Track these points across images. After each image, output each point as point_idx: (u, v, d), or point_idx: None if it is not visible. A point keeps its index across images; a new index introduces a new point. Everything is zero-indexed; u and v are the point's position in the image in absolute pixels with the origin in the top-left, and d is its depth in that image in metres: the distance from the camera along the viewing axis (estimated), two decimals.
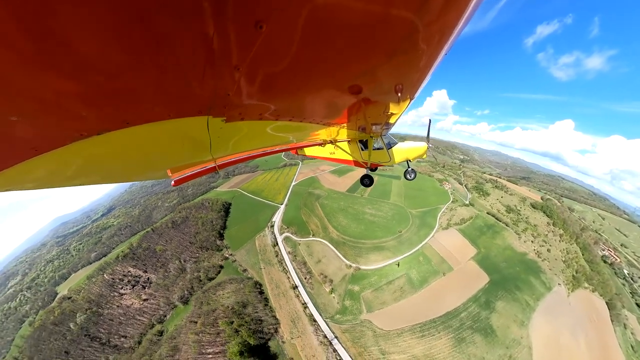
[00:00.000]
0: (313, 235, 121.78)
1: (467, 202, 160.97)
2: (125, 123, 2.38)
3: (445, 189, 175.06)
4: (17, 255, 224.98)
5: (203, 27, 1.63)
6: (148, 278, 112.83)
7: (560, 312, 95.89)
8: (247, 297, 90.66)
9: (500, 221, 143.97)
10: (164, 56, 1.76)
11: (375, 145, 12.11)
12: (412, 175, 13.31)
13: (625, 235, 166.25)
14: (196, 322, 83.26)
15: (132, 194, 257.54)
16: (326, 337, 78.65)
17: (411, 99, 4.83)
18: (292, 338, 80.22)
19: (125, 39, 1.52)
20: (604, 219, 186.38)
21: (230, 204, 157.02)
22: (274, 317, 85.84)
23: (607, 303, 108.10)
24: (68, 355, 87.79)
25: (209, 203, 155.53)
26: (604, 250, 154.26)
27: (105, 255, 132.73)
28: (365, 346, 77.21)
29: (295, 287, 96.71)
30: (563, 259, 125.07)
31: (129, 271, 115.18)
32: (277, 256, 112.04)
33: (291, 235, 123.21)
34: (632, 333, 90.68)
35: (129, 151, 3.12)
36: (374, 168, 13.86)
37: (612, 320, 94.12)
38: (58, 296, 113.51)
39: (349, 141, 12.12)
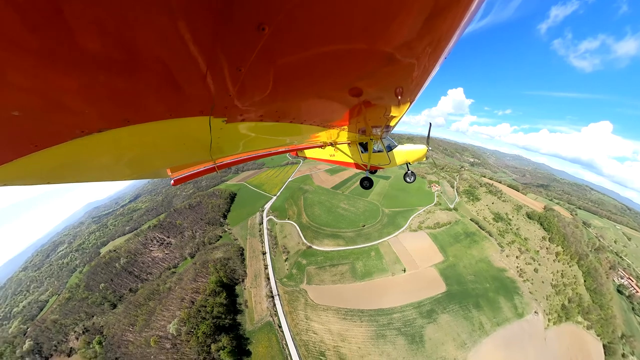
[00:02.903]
0: (288, 219, 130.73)
1: (451, 207, 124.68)
2: (125, 121, 2.08)
3: (432, 191, 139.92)
4: (58, 232, 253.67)
5: (206, 27, 1.40)
6: (170, 241, 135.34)
7: (525, 346, 73.71)
8: (231, 255, 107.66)
9: (483, 229, 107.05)
10: (166, 56, 1.53)
11: (375, 148, 10.07)
12: (412, 178, 11.27)
13: None
14: (195, 264, 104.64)
15: (154, 185, 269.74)
16: (271, 292, 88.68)
17: (411, 102, 4.31)
18: (250, 287, 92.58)
19: (129, 37, 1.31)
20: (629, 239, 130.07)
21: (235, 194, 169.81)
22: (244, 271, 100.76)
23: (604, 346, 68.36)
24: (112, 282, 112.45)
25: (219, 192, 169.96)
26: (622, 278, 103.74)
27: (136, 229, 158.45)
28: (295, 308, 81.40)
29: (264, 253, 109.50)
30: (553, 283, 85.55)
31: (156, 235, 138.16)
32: (259, 231, 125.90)
33: (273, 218, 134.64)
34: None
35: (129, 150, 2.76)
36: (373, 170, 11.41)
37: None
38: (102, 254, 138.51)
39: (349, 143, 10.11)
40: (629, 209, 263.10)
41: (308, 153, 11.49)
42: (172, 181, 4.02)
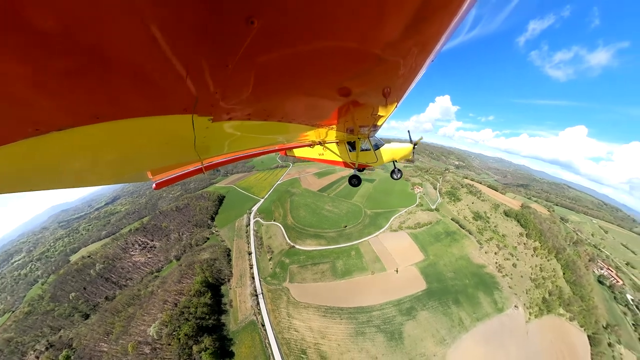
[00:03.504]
0: (274, 221, 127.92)
1: (432, 207, 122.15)
2: (95, 118, 1.67)
3: (414, 193, 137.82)
4: (12, 239, 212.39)
5: (192, 19, 1.20)
6: (154, 244, 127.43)
7: (506, 341, 70.30)
8: (218, 256, 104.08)
9: (463, 228, 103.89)
10: (147, 47, 1.26)
11: (363, 147, 9.98)
12: (399, 175, 11.18)
13: (633, 252, 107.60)
14: (181, 265, 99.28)
15: (136, 186, 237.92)
16: (256, 291, 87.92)
17: (398, 102, 4.23)
18: (236, 287, 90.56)
19: (103, 23, 1.03)
20: (606, 232, 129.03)
21: (224, 197, 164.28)
22: (231, 271, 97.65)
23: (589, 337, 63.64)
24: (85, 290, 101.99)
25: (207, 195, 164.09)
26: (602, 269, 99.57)
27: (114, 233, 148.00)
28: (278, 306, 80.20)
29: (250, 253, 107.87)
30: (532, 277, 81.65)
31: (138, 239, 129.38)
32: (246, 232, 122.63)
33: (260, 220, 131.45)
34: None
35: (99, 151, 2.28)
36: (361, 169, 11.18)
37: None
38: (72, 261, 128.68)
39: (337, 143, 9.95)
40: (605, 204, 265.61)
41: (297, 152, 11.09)
42: (154, 185, 3.53)
